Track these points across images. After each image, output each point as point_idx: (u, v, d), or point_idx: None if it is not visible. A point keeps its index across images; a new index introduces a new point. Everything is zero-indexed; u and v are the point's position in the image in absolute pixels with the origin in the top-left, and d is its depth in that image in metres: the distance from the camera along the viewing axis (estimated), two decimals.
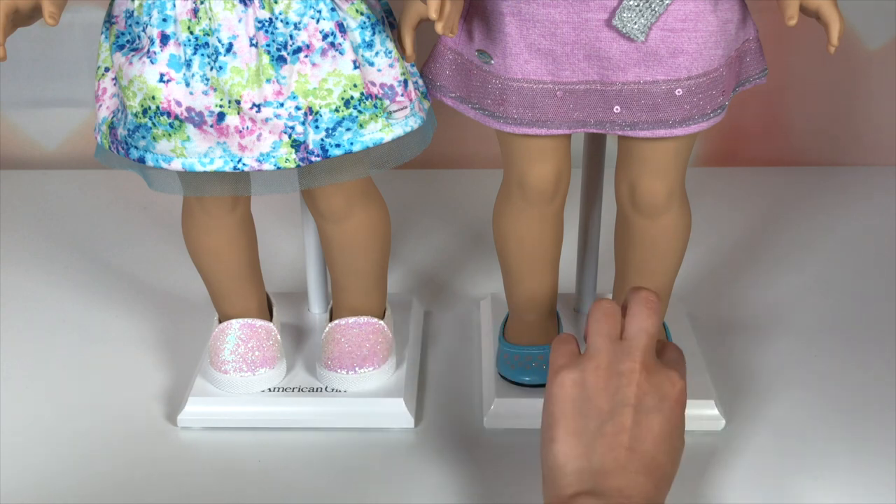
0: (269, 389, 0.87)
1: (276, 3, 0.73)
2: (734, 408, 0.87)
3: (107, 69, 0.77)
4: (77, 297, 1.06)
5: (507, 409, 0.85)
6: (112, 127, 0.78)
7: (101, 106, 0.78)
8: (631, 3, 0.72)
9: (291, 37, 0.74)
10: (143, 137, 0.75)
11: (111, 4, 0.77)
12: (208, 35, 0.73)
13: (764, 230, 1.18)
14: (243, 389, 0.86)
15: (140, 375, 0.93)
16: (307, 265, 0.97)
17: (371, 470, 0.82)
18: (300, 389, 0.87)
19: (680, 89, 0.75)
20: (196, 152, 0.75)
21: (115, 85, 0.77)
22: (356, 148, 0.77)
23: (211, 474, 0.81)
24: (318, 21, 0.74)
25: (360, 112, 0.76)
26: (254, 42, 0.73)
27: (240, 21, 0.73)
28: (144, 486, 0.80)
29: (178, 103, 0.73)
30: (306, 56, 0.74)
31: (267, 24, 0.73)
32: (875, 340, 0.96)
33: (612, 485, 0.63)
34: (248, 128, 0.74)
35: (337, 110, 0.75)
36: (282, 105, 0.74)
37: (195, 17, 0.72)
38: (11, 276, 1.10)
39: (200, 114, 0.74)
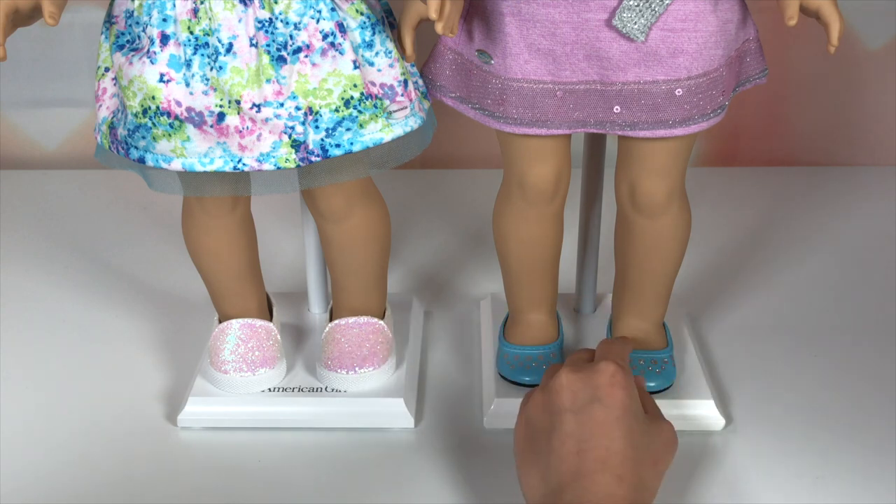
0: (269, 389, 0.87)
1: (276, 3, 0.73)
2: (734, 408, 0.87)
3: (107, 69, 0.77)
4: (77, 297, 1.06)
5: (507, 409, 0.85)
6: (112, 127, 0.78)
7: (101, 106, 0.78)
8: (631, 3, 0.72)
9: (291, 37, 0.74)
10: (143, 137, 0.75)
11: (111, 4, 0.77)
12: (208, 35, 0.73)
13: (764, 230, 1.18)
14: (243, 389, 0.86)
15: (140, 375, 0.93)
16: (307, 265, 0.97)
17: (371, 470, 0.82)
18: (300, 389, 0.87)
19: (680, 89, 0.75)
20: (196, 152, 0.75)
21: (115, 85, 0.77)
22: (356, 148, 0.77)
23: (211, 474, 0.81)
24: (318, 21, 0.74)
25: (360, 112, 0.76)
26: (254, 42, 0.73)
27: (240, 21, 0.73)
28: (144, 485, 0.80)
29: (178, 103, 0.73)
30: (306, 56, 0.74)
31: (267, 24, 0.73)
32: (875, 340, 0.96)
33: (567, 499, 0.62)
34: (248, 128, 0.74)
35: (337, 110, 0.75)
36: (282, 105, 0.74)
37: (195, 17, 0.72)
38: (11, 276, 1.10)
39: (200, 114, 0.74)
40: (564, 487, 0.63)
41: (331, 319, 0.90)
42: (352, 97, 0.76)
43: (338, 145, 0.76)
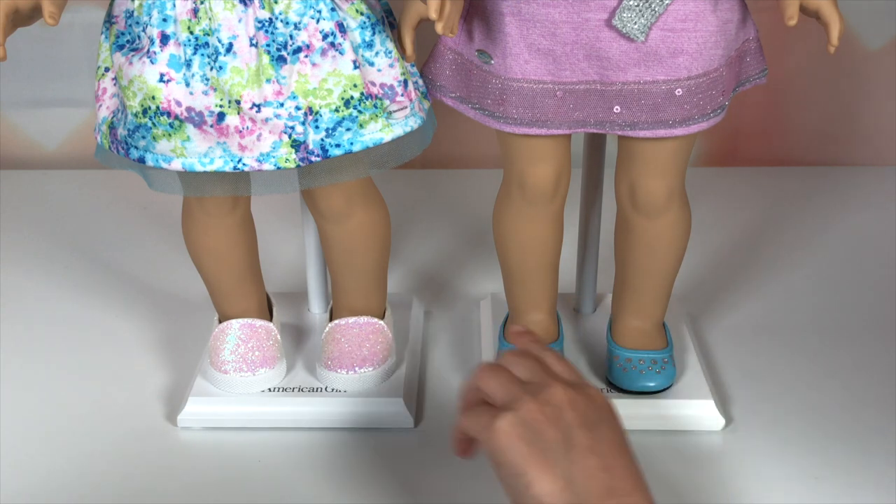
0: (269, 389, 0.87)
1: (276, 3, 0.73)
2: (734, 408, 0.87)
3: (107, 69, 0.77)
4: (77, 297, 1.06)
5: None
6: (112, 127, 0.78)
7: (101, 106, 0.78)
8: (631, 3, 0.72)
9: (291, 37, 0.74)
10: (143, 137, 0.75)
11: (111, 4, 0.77)
12: (208, 35, 0.73)
13: (764, 230, 1.18)
14: (243, 389, 0.86)
15: (140, 375, 0.93)
16: (307, 265, 0.97)
17: (371, 470, 0.82)
18: (300, 389, 0.87)
19: (680, 89, 0.75)
20: (196, 152, 0.75)
21: (115, 85, 0.77)
22: (356, 148, 0.77)
23: (211, 474, 0.81)
24: (318, 21, 0.74)
25: (360, 112, 0.76)
26: (254, 42, 0.73)
27: (240, 21, 0.73)
28: (144, 486, 0.80)
29: (178, 103, 0.73)
30: (306, 56, 0.74)
31: (267, 24, 0.73)
32: (874, 340, 0.96)
33: None
34: (248, 128, 0.74)
35: (337, 110, 0.75)
36: (282, 105, 0.74)
37: (195, 17, 0.72)
38: (11, 276, 1.10)
39: (200, 114, 0.74)
40: (601, 500, 0.61)
41: (331, 319, 0.90)
42: (352, 97, 0.76)
43: (338, 145, 0.76)
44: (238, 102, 0.73)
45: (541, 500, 0.62)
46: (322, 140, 0.76)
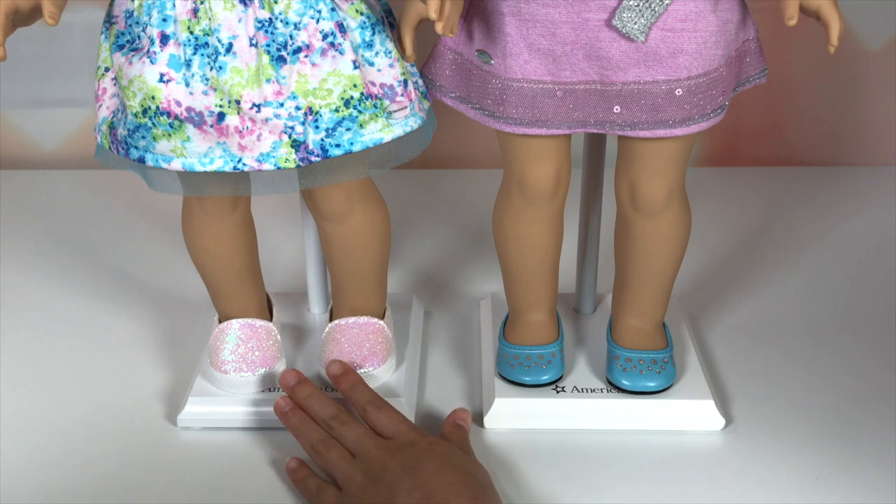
0: (269, 389, 0.87)
1: (275, 3, 0.73)
2: (734, 408, 0.87)
3: (107, 69, 0.77)
4: (77, 297, 1.06)
5: (507, 409, 0.85)
6: (112, 127, 0.78)
7: (101, 106, 0.78)
8: (631, 3, 0.72)
9: (291, 37, 0.74)
10: (143, 137, 0.75)
11: (111, 4, 0.77)
12: (208, 35, 0.73)
13: (764, 230, 1.18)
14: (243, 389, 0.86)
15: (140, 375, 0.93)
16: (307, 265, 0.97)
17: None
18: None
19: (680, 89, 0.75)
20: (196, 152, 0.75)
21: (115, 85, 0.77)
22: (356, 148, 0.77)
23: (211, 474, 0.81)
24: (317, 21, 0.74)
25: (360, 112, 0.76)
26: (254, 42, 0.73)
27: (240, 21, 0.73)
28: (144, 486, 0.80)
29: (178, 103, 0.73)
30: (306, 56, 0.74)
31: (267, 24, 0.73)
32: (875, 340, 0.96)
33: None
34: (247, 128, 0.74)
35: (337, 110, 0.75)
36: (282, 105, 0.74)
37: (195, 17, 0.72)
38: (11, 276, 1.10)
39: (200, 114, 0.74)
40: None
41: (331, 319, 0.90)
42: (352, 97, 0.76)
43: (338, 145, 0.76)
44: (238, 102, 0.73)
45: None
46: (322, 140, 0.76)
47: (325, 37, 0.74)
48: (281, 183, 0.80)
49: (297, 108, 0.75)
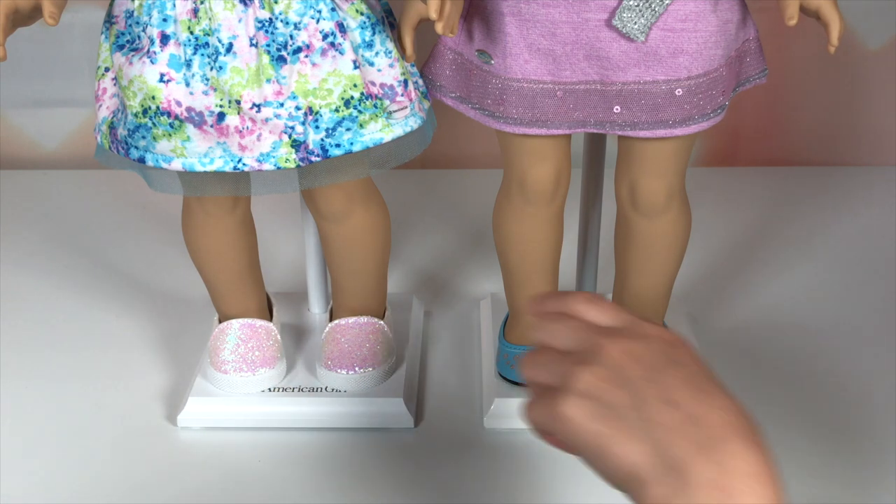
0: (269, 389, 0.87)
1: (276, 3, 0.73)
2: None
3: (107, 69, 0.77)
4: (77, 297, 1.06)
5: (507, 409, 0.85)
6: (112, 127, 0.78)
7: (101, 106, 0.78)
8: (631, 3, 0.72)
9: (291, 37, 0.74)
10: (143, 137, 0.75)
11: (111, 4, 0.77)
12: (208, 35, 0.73)
13: (764, 230, 1.18)
14: (243, 389, 0.86)
15: (140, 375, 0.93)
16: (307, 265, 0.97)
17: (371, 470, 0.82)
18: (300, 389, 0.87)
19: (680, 89, 0.75)
20: (196, 152, 0.75)
21: (115, 85, 0.77)
22: (356, 148, 0.77)
23: (211, 474, 0.81)
24: (318, 21, 0.74)
25: (360, 112, 0.76)
26: (254, 42, 0.73)
27: (240, 21, 0.73)
28: (144, 486, 0.80)
29: (178, 103, 0.73)
30: (306, 56, 0.74)
31: (267, 24, 0.73)
32: (875, 340, 0.96)
33: (704, 477, 0.54)
34: (248, 128, 0.74)
35: (337, 110, 0.75)
36: (282, 105, 0.74)
37: (195, 17, 0.72)
38: (11, 276, 1.10)
39: (200, 114, 0.74)
40: (690, 462, 0.55)
41: (331, 319, 0.90)
42: (352, 97, 0.76)
43: (338, 145, 0.76)
44: (238, 102, 0.73)
45: (635, 476, 0.55)
46: (322, 140, 0.76)
47: (325, 37, 0.74)
48: (281, 183, 0.80)
49: (298, 108, 0.75)
